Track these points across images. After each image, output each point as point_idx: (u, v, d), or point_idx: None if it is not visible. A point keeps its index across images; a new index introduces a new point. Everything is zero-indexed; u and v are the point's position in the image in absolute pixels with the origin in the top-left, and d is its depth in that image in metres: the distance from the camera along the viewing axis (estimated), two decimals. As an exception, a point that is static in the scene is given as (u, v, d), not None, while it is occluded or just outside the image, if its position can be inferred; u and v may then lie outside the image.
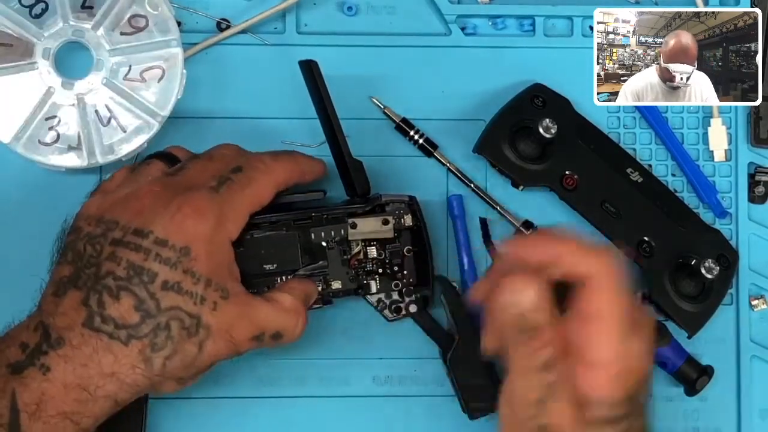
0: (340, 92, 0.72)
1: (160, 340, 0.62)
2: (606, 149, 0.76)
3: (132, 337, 0.61)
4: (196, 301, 0.62)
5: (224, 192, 0.64)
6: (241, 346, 0.64)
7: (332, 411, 0.74)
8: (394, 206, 0.71)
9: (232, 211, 0.65)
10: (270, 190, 0.67)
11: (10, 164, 0.73)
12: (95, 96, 0.71)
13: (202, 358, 0.63)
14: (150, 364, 0.62)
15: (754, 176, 0.78)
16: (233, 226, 0.65)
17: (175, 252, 0.62)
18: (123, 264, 0.62)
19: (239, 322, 0.64)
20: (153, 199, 0.64)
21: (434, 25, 0.77)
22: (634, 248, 0.74)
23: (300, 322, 0.67)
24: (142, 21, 0.71)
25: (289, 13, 0.76)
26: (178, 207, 0.63)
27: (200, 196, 0.64)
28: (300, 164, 0.69)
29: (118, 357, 0.61)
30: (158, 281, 0.62)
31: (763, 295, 0.77)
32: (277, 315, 0.66)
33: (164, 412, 0.73)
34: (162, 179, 0.66)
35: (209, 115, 0.75)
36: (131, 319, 0.61)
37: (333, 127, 0.70)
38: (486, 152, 0.74)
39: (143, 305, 0.62)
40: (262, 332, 0.65)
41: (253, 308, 0.65)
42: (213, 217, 0.63)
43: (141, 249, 0.62)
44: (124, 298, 0.62)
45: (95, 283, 0.62)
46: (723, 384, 0.76)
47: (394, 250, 0.72)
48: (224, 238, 0.64)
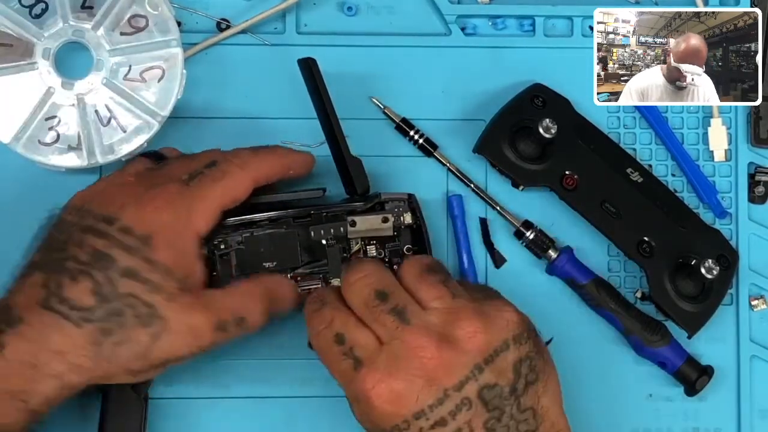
0: (340, 92, 0.72)
1: (112, 326, 0.63)
2: (606, 149, 0.76)
3: (85, 320, 0.62)
4: (151, 289, 0.63)
5: (194, 185, 0.65)
6: (203, 338, 0.65)
7: (333, 411, 0.74)
8: (394, 204, 0.71)
9: (201, 204, 0.65)
10: (245, 185, 0.67)
11: (10, 164, 0.73)
12: (95, 96, 0.71)
13: (155, 351, 0.64)
14: (99, 348, 0.63)
15: (754, 176, 0.78)
16: (202, 219, 0.65)
17: (137, 240, 0.63)
18: (87, 249, 0.63)
19: (196, 313, 0.64)
20: (126, 189, 0.65)
21: (434, 25, 0.77)
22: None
23: (260, 307, 0.67)
24: (142, 21, 0.72)
25: (289, 13, 0.76)
26: (147, 197, 0.64)
27: (170, 187, 0.65)
28: (282, 158, 0.70)
29: (69, 337, 0.62)
30: (117, 267, 0.63)
31: (763, 295, 0.77)
32: (233, 300, 0.66)
33: (164, 412, 0.73)
34: (140, 172, 0.67)
35: (209, 115, 0.75)
36: (87, 302, 0.62)
37: (332, 126, 0.70)
38: (486, 152, 0.74)
39: (100, 289, 0.63)
40: (222, 320, 0.65)
41: (209, 297, 0.65)
42: (180, 209, 0.64)
43: (106, 236, 0.63)
44: (82, 282, 0.63)
45: (58, 266, 0.63)
46: (723, 384, 0.76)
47: (394, 248, 0.72)
48: (190, 231, 0.65)
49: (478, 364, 0.62)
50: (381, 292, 0.64)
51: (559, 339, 0.73)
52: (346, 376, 0.63)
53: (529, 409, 0.63)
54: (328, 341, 0.64)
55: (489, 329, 0.63)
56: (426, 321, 0.63)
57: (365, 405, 0.62)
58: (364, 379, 0.62)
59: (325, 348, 0.64)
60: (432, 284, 0.64)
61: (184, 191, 0.65)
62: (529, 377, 0.63)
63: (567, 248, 0.75)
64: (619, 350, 0.76)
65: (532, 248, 0.75)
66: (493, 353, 0.62)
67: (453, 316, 0.63)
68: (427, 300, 0.64)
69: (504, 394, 0.62)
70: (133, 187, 0.66)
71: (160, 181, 0.66)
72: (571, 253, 0.75)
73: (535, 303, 0.70)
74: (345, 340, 0.63)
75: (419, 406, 0.61)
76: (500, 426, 0.62)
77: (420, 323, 0.63)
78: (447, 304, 0.64)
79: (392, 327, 0.63)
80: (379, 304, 0.63)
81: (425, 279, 0.65)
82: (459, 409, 0.61)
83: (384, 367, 0.62)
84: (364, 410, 0.63)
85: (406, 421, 0.61)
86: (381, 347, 0.63)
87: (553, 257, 0.75)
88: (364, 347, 0.63)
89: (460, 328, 0.62)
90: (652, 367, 0.76)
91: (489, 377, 0.62)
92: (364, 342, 0.63)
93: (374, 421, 0.63)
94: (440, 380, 0.61)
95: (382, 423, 0.62)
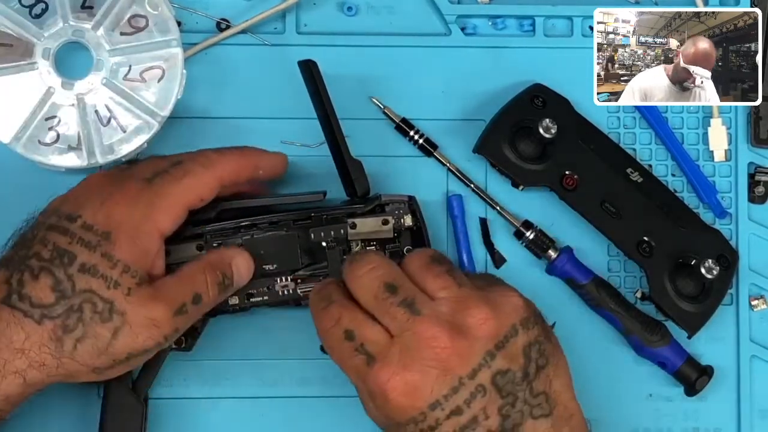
0: (340, 92, 0.72)
1: (71, 322, 0.63)
2: (606, 149, 0.76)
3: (45, 316, 0.63)
4: (110, 285, 0.63)
5: (156, 183, 0.66)
6: (165, 327, 0.65)
7: (333, 411, 0.74)
8: (394, 206, 0.71)
9: (164, 202, 0.65)
10: (210, 184, 0.67)
11: (10, 164, 0.73)
12: (95, 96, 0.71)
13: (116, 346, 0.64)
14: (60, 344, 0.63)
15: (754, 176, 0.78)
16: (164, 217, 0.66)
17: (97, 236, 0.64)
18: (49, 246, 0.64)
19: (154, 304, 0.64)
20: (92, 188, 0.66)
21: (434, 25, 0.77)
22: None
23: (210, 278, 0.67)
24: (142, 21, 0.71)
25: (289, 13, 0.76)
26: (109, 194, 0.65)
27: (132, 185, 0.65)
28: (250, 159, 0.70)
29: (30, 335, 0.63)
30: (76, 263, 0.63)
31: (763, 295, 0.77)
32: (185, 282, 0.66)
33: (164, 412, 0.73)
34: (108, 172, 0.68)
35: (209, 115, 0.75)
36: (47, 298, 0.63)
37: (332, 127, 0.70)
38: (486, 152, 0.74)
39: (60, 286, 0.63)
40: (180, 304, 0.65)
41: (163, 284, 0.65)
42: (141, 207, 0.65)
43: (68, 232, 0.64)
44: (42, 279, 0.63)
45: (20, 263, 0.64)
46: (723, 384, 0.76)
47: (394, 250, 0.72)
48: (151, 228, 0.65)
49: (490, 351, 0.62)
50: (390, 284, 0.64)
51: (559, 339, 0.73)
52: (360, 372, 0.63)
53: (541, 393, 0.63)
54: (338, 339, 0.64)
55: (498, 315, 0.63)
56: (436, 311, 0.63)
57: (381, 400, 0.62)
58: (378, 374, 0.62)
59: (336, 346, 0.64)
60: (438, 275, 0.65)
61: (146, 188, 0.65)
62: (539, 361, 0.63)
63: (567, 248, 0.75)
64: (619, 350, 0.76)
65: (532, 248, 0.75)
66: (503, 339, 0.63)
67: (462, 304, 0.63)
68: (434, 290, 0.64)
69: (516, 380, 0.62)
70: (97, 184, 0.66)
71: (125, 179, 0.66)
72: (571, 253, 0.75)
73: (535, 303, 0.70)
74: (355, 337, 0.63)
75: (434, 397, 0.61)
76: (515, 411, 0.62)
77: (430, 313, 0.63)
78: (454, 293, 0.64)
79: (403, 319, 0.63)
80: (389, 296, 0.63)
81: (431, 270, 0.65)
82: (474, 397, 0.62)
83: (397, 360, 0.62)
84: (380, 405, 0.63)
85: (423, 413, 0.62)
86: (392, 340, 0.63)
87: (553, 257, 0.75)
88: (375, 342, 0.63)
89: (471, 316, 0.63)
90: (652, 367, 0.76)
91: (501, 363, 0.62)
92: (375, 337, 0.63)
93: (390, 415, 0.63)
94: (454, 369, 0.62)
95: (398, 416, 0.62)
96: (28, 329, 0.63)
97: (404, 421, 0.62)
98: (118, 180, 0.66)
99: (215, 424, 0.74)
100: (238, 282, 0.69)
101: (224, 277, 0.68)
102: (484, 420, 0.62)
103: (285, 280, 0.71)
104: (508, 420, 0.62)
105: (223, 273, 0.68)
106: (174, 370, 0.73)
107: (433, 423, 0.62)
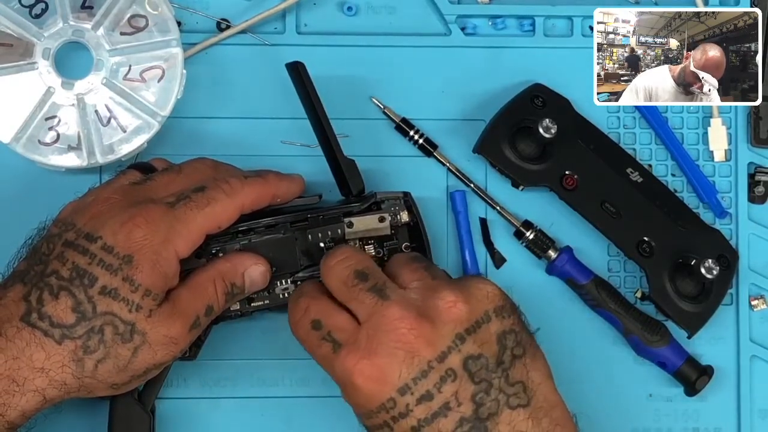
0: (340, 92, 0.72)
1: (92, 343, 0.63)
2: (606, 149, 0.76)
3: (66, 336, 0.62)
4: (131, 308, 0.63)
5: (179, 209, 0.65)
6: (182, 342, 0.65)
7: (333, 411, 0.74)
8: (390, 203, 0.71)
9: (185, 228, 0.65)
10: (231, 213, 0.67)
11: (10, 164, 0.73)
12: (95, 96, 0.71)
13: (136, 363, 0.64)
14: (81, 365, 0.63)
15: (754, 176, 0.78)
16: (183, 243, 0.65)
17: (118, 259, 0.63)
18: (68, 265, 0.63)
19: (173, 322, 0.64)
20: (110, 206, 0.65)
21: (434, 25, 0.77)
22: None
23: (220, 288, 0.67)
24: (142, 21, 0.72)
25: (289, 13, 0.76)
26: (130, 216, 0.64)
27: (154, 209, 0.64)
28: (272, 187, 0.69)
29: (50, 354, 0.62)
30: (97, 286, 0.63)
31: (763, 295, 0.77)
32: (195, 295, 0.66)
33: (164, 412, 0.73)
34: (125, 188, 0.67)
35: (209, 116, 0.75)
36: (67, 319, 0.62)
37: (324, 128, 0.70)
38: (486, 152, 0.74)
39: (80, 307, 0.62)
40: (194, 318, 0.66)
41: (178, 299, 0.65)
42: (162, 231, 0.64)
43: (88, 253, 0.63)
44: (62, 298, 0.63)
45: (39, 280, 0.63)
46: (723, 384, 0.76)
47: (392, 247, 0.72)
48: (171, 253, 0.64)
49: (459, 334, 0.62)
50: (360, 272, 0.64)
51: (559, 339, 0.73)
52: (327, 359, 0.63)
53: (518, 382, 0.62)
54: (305, 329, 0.64)
55: (469, 300, 0.63)
56: (405, 297, 0.63)
57: (350, 387, 0.62)
58: (345, 360, 0.62)
59: (304, 336, 0.65)
60: (413, 269, 0.65)
61: (168, 213, 0.65)
62: (515, 350, 0.63)
63: (567, 248, 0.75)
64: (619, 350, 0.76)
65: (532, 248, 0.75)
66: (474, 324, 0.62)
67: (432, 291, 0.63)
68: (406, 281, 0.64)
69: (490, 366, 0.62)
70: (116, 203, 0.65)
71: (144, 199, 0.65)
72: (570, 253, 0.75)
73: (535, 303, 0.70)
74: (322, 326, 0.64)
75: (403, 381, 0.61)
76: (489, 399, 0.61)
77: (399, 299, 0.63)
78: (426, 283, 0.64)
79: (371, 303, 0.63)
80: (358, 283, 0.64)
81: (408, 265, 0.66)
82: (444, 381, 0.61)
83: (364, 345, 0.62)
84: (350, 393, 0.63)
85: (392, 398, 0.61)
86: (359, 327, 0.63)
87: (553, 257, 0.75)
88: (342, 329, 0.63)
89: (440, 299, 0.62)
90: (652, 367, 0.76)
91: (472, 348, 0.62)
92: (342, 324, 0.63)
93: (360, 403, 0.62)
94: (421, 352, 0.61)
95: (368, 403, 0.62)
96: (49, 349, 0.62)
97: (375, 408, 0.62)
98: (137, 198, 0.65)
99: (215, 425, 0.74)
100: (251, 290, 0.69)
101: (233, 287, 0.67)
102: (456, 406, 0.61)
103: (285, 282, 0.71)
104: (482, 408, 0.61)
105: (233, 283, 0.68)
106: (174, 370, 0.72)
107: (403, 409, 0.61)
